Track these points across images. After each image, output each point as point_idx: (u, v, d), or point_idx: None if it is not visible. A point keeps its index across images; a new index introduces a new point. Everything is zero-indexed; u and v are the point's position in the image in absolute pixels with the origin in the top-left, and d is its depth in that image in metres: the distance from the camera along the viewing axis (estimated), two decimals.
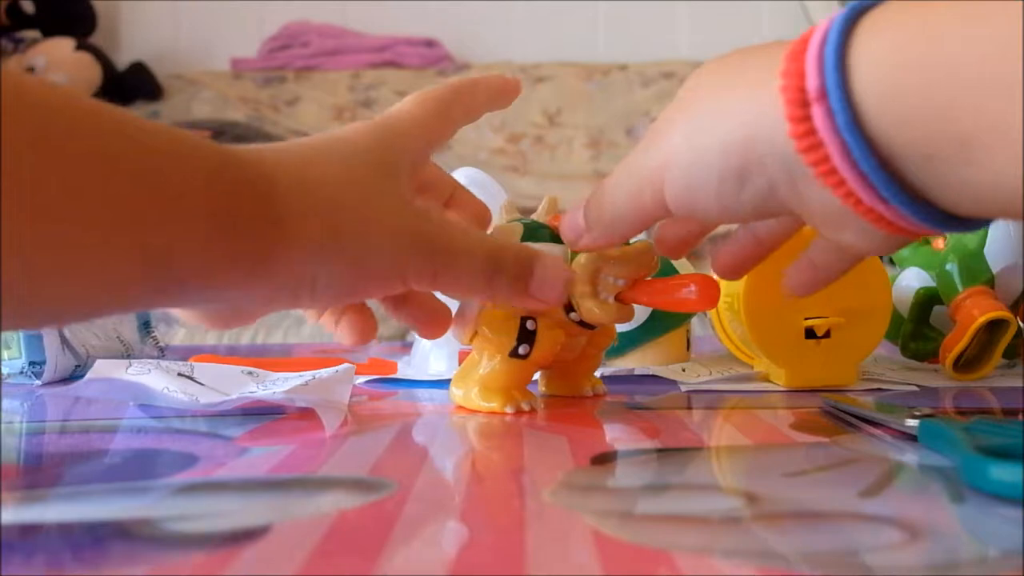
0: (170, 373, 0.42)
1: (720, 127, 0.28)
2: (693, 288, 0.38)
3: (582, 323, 0.40)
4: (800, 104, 0.25)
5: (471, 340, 0.40)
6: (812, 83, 0.25)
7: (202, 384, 0.42)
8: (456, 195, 0.40)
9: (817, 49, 0.25)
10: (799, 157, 0.26)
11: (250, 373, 0.44)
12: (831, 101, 0.25)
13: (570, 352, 0.42)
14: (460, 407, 0.41)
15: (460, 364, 0.43)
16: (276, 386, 0.41)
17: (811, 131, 0.25)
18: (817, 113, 0.25)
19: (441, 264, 0.33)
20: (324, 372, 0.43)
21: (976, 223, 0.27)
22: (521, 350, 0.39)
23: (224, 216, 0.27)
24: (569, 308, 0.39)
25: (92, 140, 0.24)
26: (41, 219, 0.23)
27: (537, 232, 0.40)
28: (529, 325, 0.39)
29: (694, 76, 0.31)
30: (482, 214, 0.41)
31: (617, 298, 0.39)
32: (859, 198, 0.26)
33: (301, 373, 0.43)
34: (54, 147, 0.23)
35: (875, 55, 0.24)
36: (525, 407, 0.39)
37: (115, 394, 0.42)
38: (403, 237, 0.32)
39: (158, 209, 0.25)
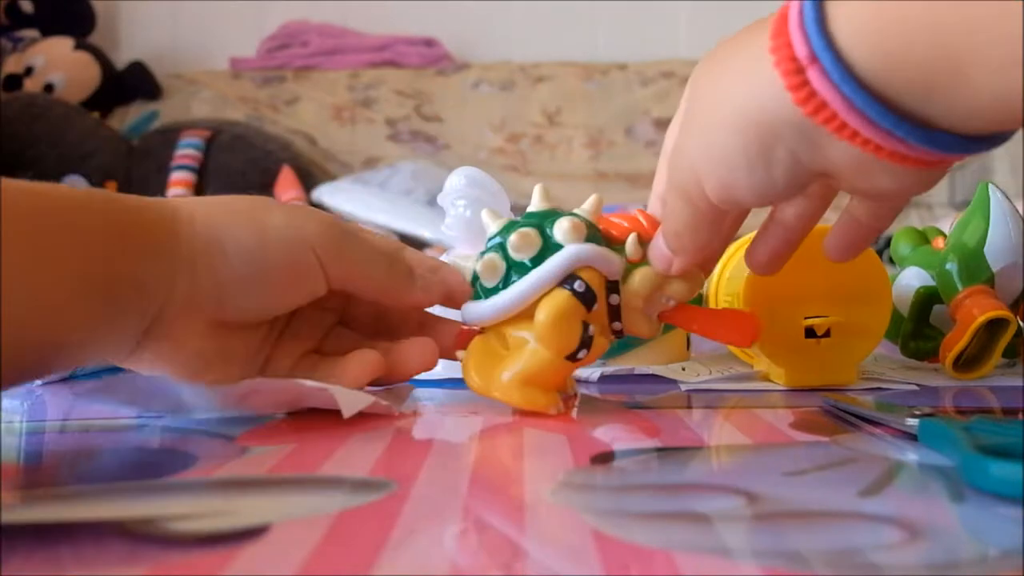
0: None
1: (729, 117, 0.30)
2: (733, 325, 0.40)
3: (617, 332, 0.40)
4: (795, 72, 0.27)
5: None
6: (801, 51, 0.27)
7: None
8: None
9: (797, 19, 0.27)
10: (809, 120, 0.27)
11: None
12: (823, 62, 0.26)
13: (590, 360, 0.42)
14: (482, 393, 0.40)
15: (464, 348, 0.41)
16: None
17: (812, 94, 0.27)
18: (813, 76, 0.27)
19: (356, 269, 0.38)
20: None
21: (997, 138, 0.28)
22: (580, 354, 0.38)
23: (128, 231, 0.33)
24: (613, 318, 0.39)
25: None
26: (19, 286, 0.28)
27: (597, 235, 0.39)
28: (591, 330, 0.38)
29: (691, 82, 0.33)
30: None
31: (659, 316, 0.40)
32: (878, 144, 0.27)
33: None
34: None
35: (852, 10, 0.26)
36: (561, 409, 0.39)
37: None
38: (305, 220, 0.37)
39: (117, 256, 0.32)
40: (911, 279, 0.54)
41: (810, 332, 0.46)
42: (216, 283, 0.35)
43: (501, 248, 0.39)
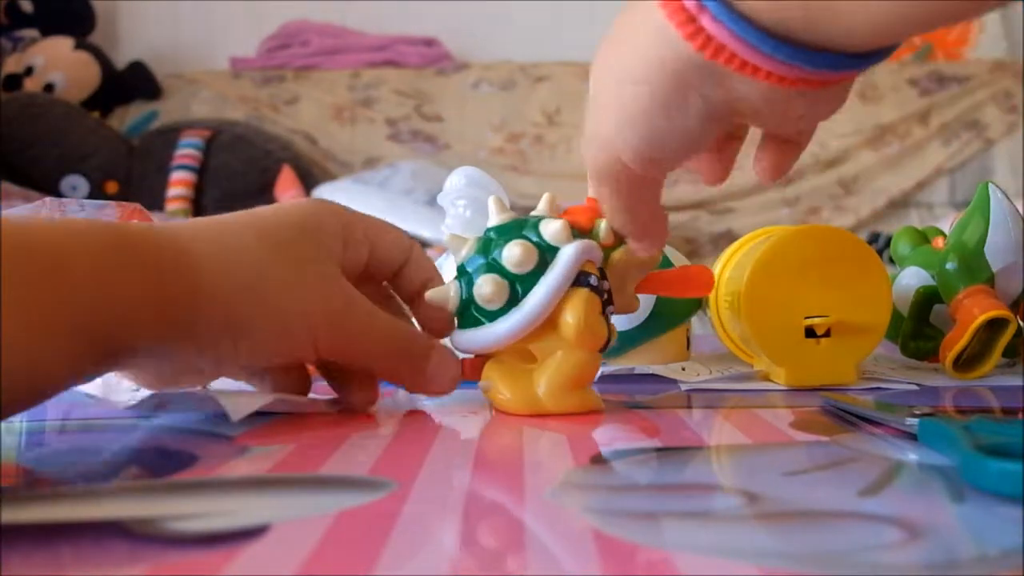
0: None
1: (635, 81, 0.31)
2: (696, 277, 0.43)
3: (607, 317, 0.40)
4: (689, 21, 0.29)
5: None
6: (691, 5, 0.29)
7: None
8: (407, 266, 0.41)
9: None
10: (713, 63, 0.29)
11: None
12: (710, 8, 0.28)
13: None
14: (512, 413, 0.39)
15: (477, 378, 0.40)
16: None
17: (709, 38, 0.29)
18: (706, 22, 0.29)
19: (352, 335, 0.37)
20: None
21: (884, 52, 0.30)
22: (609, 345, 0.39)
23: (149, 286, 0.31)
24: (607, 303, 0.39)
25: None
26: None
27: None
28: (611, 320, 0.40)
29: (592, 73, 0.35)
30: (439, 323, 0.41)
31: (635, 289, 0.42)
32: (779, 75, 0.29)
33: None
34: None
35: None
36: (602, 405, 0.40)
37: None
38: (314, 304, 0.36)
39: (104, 300, 0.30)
40: (911, 279, 0.54)
41: (810, 332, 0.46)
42: (200, 348, 0.34)
43: (493, 268, 0.38)
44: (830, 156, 2.13)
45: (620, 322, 0.50)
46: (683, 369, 0.50)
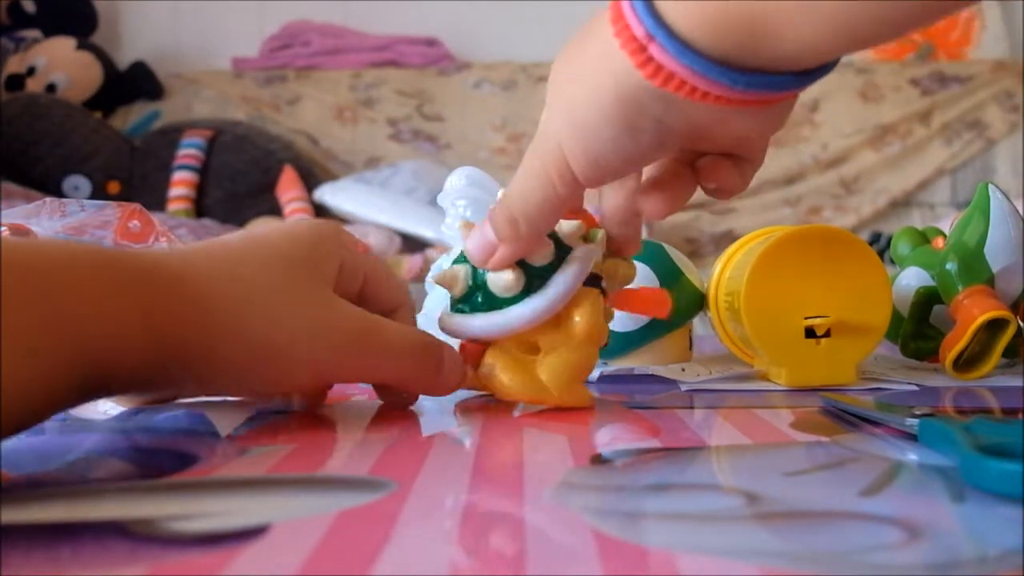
0: None
1: (592, 97, 0.33)
2: (653, 297, 0.43)
3: None
4: (640, 51, 0.30)
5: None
6: (639, 32, 0.30)
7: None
8: (369, 282, 0.40)
9: (630, 6, 0.30)
10: (662, 90, 0.31)
11: None
12: (658, 39, 0.30)
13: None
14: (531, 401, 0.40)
15: (477, 365, 0.40)
16: None
17: (659, 67, 0.30)
18: (655, 51, 0.30)
19: (355, 356, 0.36)
20: None
21: (823, 69, 0.32)
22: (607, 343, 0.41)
23: (134, 319, 0.30)
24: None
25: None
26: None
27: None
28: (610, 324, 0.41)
29: (550, 81, 0.36)
30: (393, 303, 0.40)
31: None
32: (727, 97, 0.31)
33: None
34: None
35: None
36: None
37: None
38: (314, 332, 0.34)
39: (91, 327, 0.28)
40: (911, 279, 0.54)
41: (810, 332, 0.46)
42: (184, 380, 0.33)
43: None
44: (831, 156, 2.13)
45: (624, 323, 0.50)
46: (683, 369, 0.50)
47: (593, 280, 0.40)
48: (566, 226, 0.40)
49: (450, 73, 2.28)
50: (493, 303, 0.39)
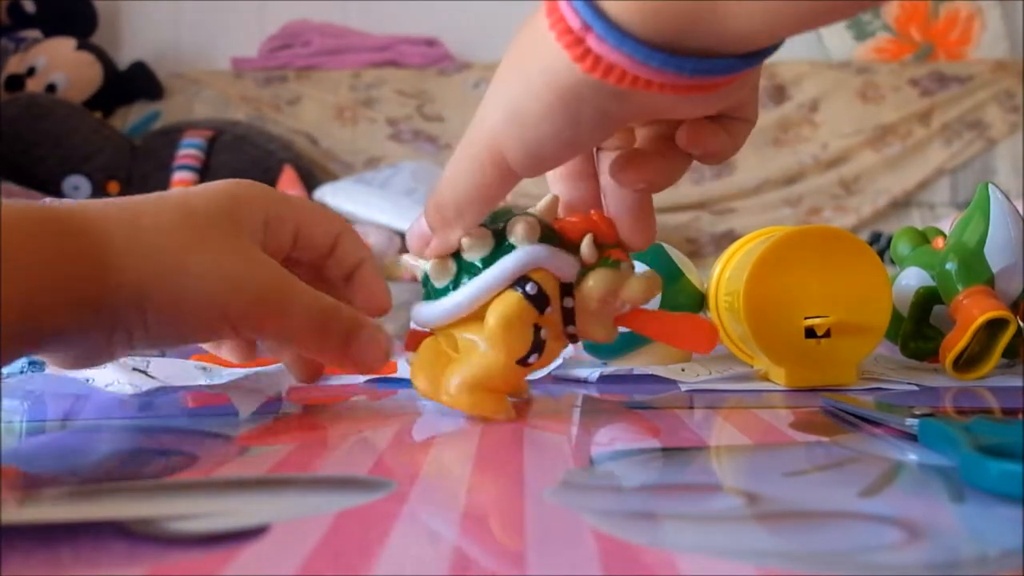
0: (125, 368, 0.42)
1: (530, 91, 0.32)
2: (690, 330, 0.38)
3: (572, 336, 0.39)
4: (576, 44, 0.30)
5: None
6: (575, 24, 0.29)
7: (154, 378, 0.42)
8: (358, 274, 0.40)
9: (570, 8, 0.30)
10: (604, 81, 0.30)
11: (203, 368, 0.44)
12: (596, 30, 0.29)
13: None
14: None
15: (414, 350, 0.40)
16: (221, 379, 0.41)
17: (597, 58, 0.30)
18: (592, 42, 0.29)
19: (270, 312, 0.35)
20: (265, 368, 0.43)
21: (765, 52, 0.31)
22: (532, 359, 0.37)
23: (58, 268, 0.30)
24: (567, 321, 0.38)
25: None
26: None
27: (552, 235, 0.38)
28: (543, 334, 0.37)
29: (506, 51, 0.35)
30: (376, 301, 0.40)
31: (615, 320, 0.38)
32: (670, 85, 0.30)
33: (246, 369, 0.43)
34: None
35: None
36: (512, 416, 0.38)
37: (59, 387, 0.43)
38: (228, 282, 0.34)
39: (9, 281, 0.28)
40: (911, 279, 0.54)
41: (810, 332, 0.46)
42: (110, 329, 0.33)
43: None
44: (831, 156, 2.13)
45: None
46: (683, 370, 0.50)
47: (519, 284, 0.37)
48: (516, 226, 0.37)
49: (450, 73, 2.28)
50: (431, 294, 0.39)
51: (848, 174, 2.12)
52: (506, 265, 0.37)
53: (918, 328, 0.53)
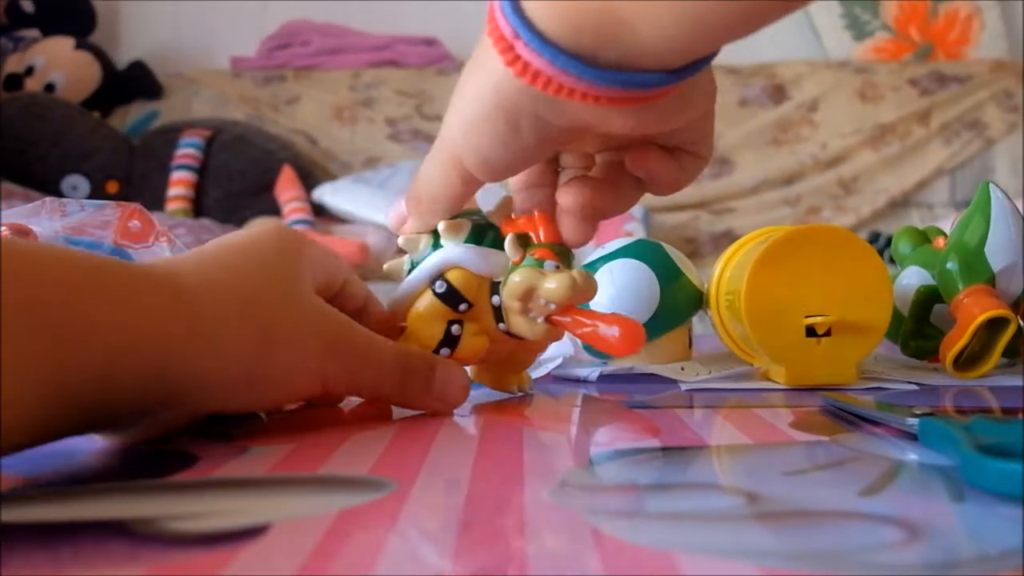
0: None
1: (478, 97, 0.34)
2: (616, 330, 0.37)
3: (509, 333, 0.39)
4: (508, 50, 0.31)
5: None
6: (507, 31, 0.31)
7: None
8: (367, 307, 0.41)
9: (499, 6, 0.31)
10: (534, 87, 0.31)
11: None
12: (523, 37, 0.30)
13: (496, 356, 0.42)
14: None
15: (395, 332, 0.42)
16: None
17: (526, 64, 0.31)
18: (521, 50, 0.31)
19: (356, 367, 0.36)
20: None
21: (696, 65, 0.32)
22: (443, 352, 0.39)
23: (154, 337, 0.29)
24: (499, 317, 0.39)
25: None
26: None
27: (484, 234, 0.40)
28: (454, 330, 0.39)
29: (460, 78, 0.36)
30: (387, 326, 0.40)
31: (546, 319, 0.38)
32: (596, 95, 0.31)
33: None
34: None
35: None
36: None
37: None
38: (319, 341, 0.34)
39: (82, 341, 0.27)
40: (911, 278, 0.54)
41: (810, 331, 0.46)
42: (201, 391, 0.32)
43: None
44: (830, 156, 2.13)
45: None
46: (682, 369, 0.50)
47: (433, 283, 0.39)
48: (443, 224, 0.39)
49: (449, 73, 2.28)
50: None
51: (847, 174, 2.12)
52: (427, 265, 0.40)
53: (919, 327, 0.53)
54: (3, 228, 0.40)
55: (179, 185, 2.00)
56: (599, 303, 0.50)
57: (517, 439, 0.34)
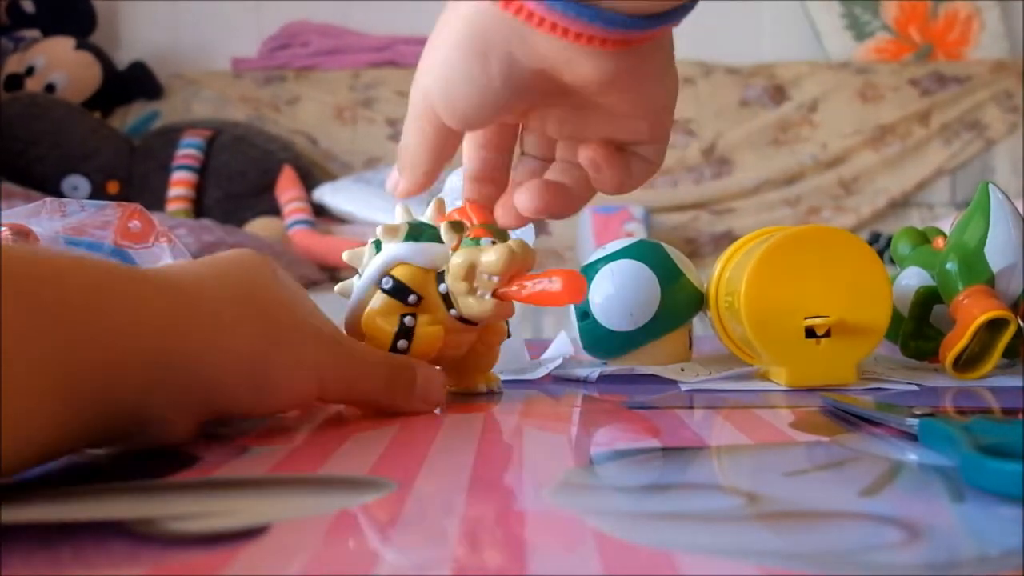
0: None
1: (452, 35, 0.34)
2: (557, 281, 0.38)
3: (463, 319, 0.41)
4: None
5: None
6: None
7: None
8: None
9: None
10: (514, 18, 0.31)
11: None
12: None
13: (457, 349, 0.42)
14: None
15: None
16: None
17: None
18: None
19: (350, 370, 0.37)
20: None
21: (674, 14, 0.32)
22: (400, 344, 0.40)
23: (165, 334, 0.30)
24: (449, 304, 0.40)
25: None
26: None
27: (421, 232, 0.42)
28: (408, 321, 0.40)
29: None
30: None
31: (494, 294, 0.40)
32: (574, 31, 0.31)
33: None
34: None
35: None
36: None
37: None
38: (315, 343, 0.35)
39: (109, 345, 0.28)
40: (911, 279, 0.54)
41: (810, 332, 0.46)
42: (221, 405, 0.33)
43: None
44: (831, 156, 2.13)
45: (623, 323, 0.50)
46: (682, 370, 0.50)
47: (380, 280, 0.40)
48: (379, 228, 0.42)
49: None
50: None
51: (847, 174, 2.12)
52: (371, 268, 0.41)
53: (918, 328, 0.53)
54: (3, 228, 0.40)
55: (179, 185, 2.00)
56: (599, 304, 0.50)
57: (517, 439, 0.34)
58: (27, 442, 0.25)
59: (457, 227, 0.40)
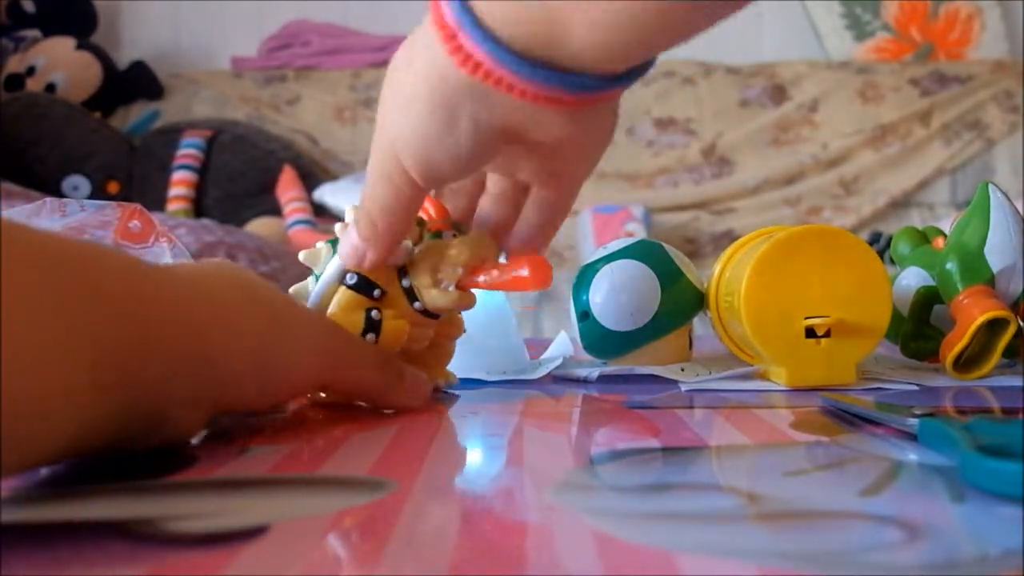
0: None
1: (419, 92, 0.33)
2: (525, 269, 0.39)
3: (426, 313, 0.41)
4: (451, 38, 0.31)
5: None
6: (450, 20, 0.31)
7: None
8: None
9: (447, 3, 0.31)
10: (477, 81, 0.32)
11: None
12: (465, 26, 0.31)
13: (418, 343, 0.42)
14: None
15: None
16: None
17: (468, 55, 0.31)
18: (463, 39, 0.31)
19: (348, 359, 0.37)
20: None
21: (634, 73, 0.33)
22: (368, 338, 0.40)
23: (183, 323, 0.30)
24: (413, 298, 0.41)
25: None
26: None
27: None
28: (374, 315, 0.40)
29: (387, 74, 0.36)
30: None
31: (458, 286, 0.40)
32: (533, 92, 0.31)
33: None
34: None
35: None
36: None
37: None
38: (317, 330, 0.36)
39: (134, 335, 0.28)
40: (911, 279, 0.54)
41: (810, 332, 0.46)
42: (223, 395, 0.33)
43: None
44: (831, 156, 2.13)
45: (624, 323, 0.50)
46: (682, 370, 0.50)
47: (344, 277, 0.40)
48: (336, 227, 0.41)
49: None
50: None
51: (848, 174, 2.12)
52: (332, 267, 0.41)
53: (918, 328, 0.53)
54: None
55: (180, 185, 2.00)
56: (599, 304, 0.50)
57: (517, 439, 0.34)
58: (59, 419, 0.24)
59: (417, 222, 0.41)
